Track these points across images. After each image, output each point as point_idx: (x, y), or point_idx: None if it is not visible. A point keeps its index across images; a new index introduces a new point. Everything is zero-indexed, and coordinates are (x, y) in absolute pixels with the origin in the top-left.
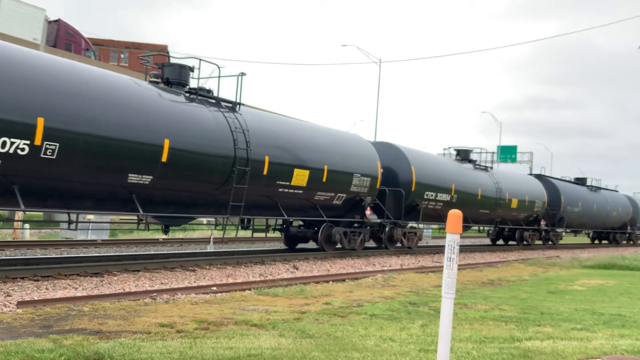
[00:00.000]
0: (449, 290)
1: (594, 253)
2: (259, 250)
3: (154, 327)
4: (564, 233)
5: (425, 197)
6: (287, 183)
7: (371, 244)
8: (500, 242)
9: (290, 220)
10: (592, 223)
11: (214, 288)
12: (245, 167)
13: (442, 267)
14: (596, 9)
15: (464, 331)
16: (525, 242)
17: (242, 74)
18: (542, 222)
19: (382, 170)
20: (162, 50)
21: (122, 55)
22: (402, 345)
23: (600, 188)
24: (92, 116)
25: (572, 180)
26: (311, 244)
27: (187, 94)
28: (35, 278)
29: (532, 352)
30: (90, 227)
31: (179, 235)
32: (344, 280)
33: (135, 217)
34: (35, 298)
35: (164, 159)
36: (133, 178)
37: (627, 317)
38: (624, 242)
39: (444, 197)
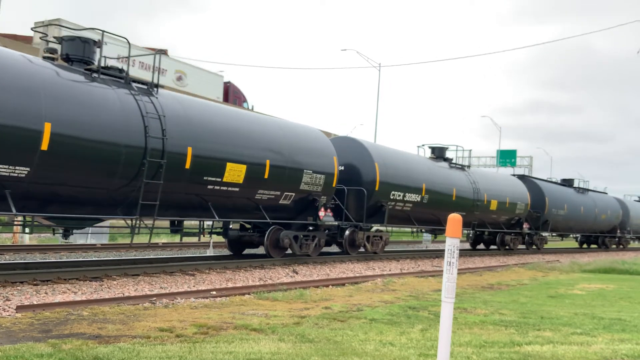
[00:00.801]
0: (449, 295)
1: (593, 257)
2: (258, 255)
3: (153, 332)
4: (549, 237)
5: (392, 197)
6: (219, 179)
7: (335, 249)
8: (482, 246)
9: (228, 222)
10: (579, 226)
11: (214, 292)
12: (160, 160)
13: (441, 271)
14: (596, 12)
15: (463, 335)
16: (507, 247)
17: (161, 52)
18: (525, 226)
19: (342, 167)
20: (163, 54)
21: None
22: (401, 350)
23: (588, 190)
24: None
25: (558, 182)
26: (262, 250)
27: (88, 72)
28: (35, 282)
29: (532, 357)
30: (89, 231)
31: (178, 239)
32: (343, 284)
33: (21, 219)
34: (35, 302)
35: (44, 146)
36: (2, 170)
37: (627, 321)
38: (614, 246)
39: (413, 197)
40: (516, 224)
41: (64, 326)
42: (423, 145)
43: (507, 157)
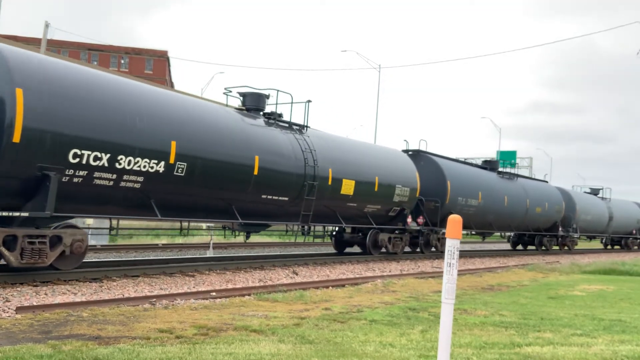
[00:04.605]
0: (449, 296)
1: (593, 258)
2: (258, 256)
3: (153, 333)
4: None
5: (74, 160)
6: None
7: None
8: (367, 250)
9: None
10: (503, 222)
11: (213, 293)
12: None
13: (441, 272)
14: (600, 12)
15: (464, 337)
16: (384, 250)
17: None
18: (418, 221)
19: None
20: (162, 55)
21: (123, 61)
22: (401, 351)
23: (517, 175)
24: None
25: (478, 164)
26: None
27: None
28: (34, 283)
29: (532, 358)
30: (89, 233)
31: (179, 240)
32: (343, 285)
33: None
34: (34, 303)
35: None
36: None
37: (627, 322)
38: (556, 247)
39: (148, 164)
40: (398, 217)
41: (63, 327)
42: (229, 90)
43: (507, 158)
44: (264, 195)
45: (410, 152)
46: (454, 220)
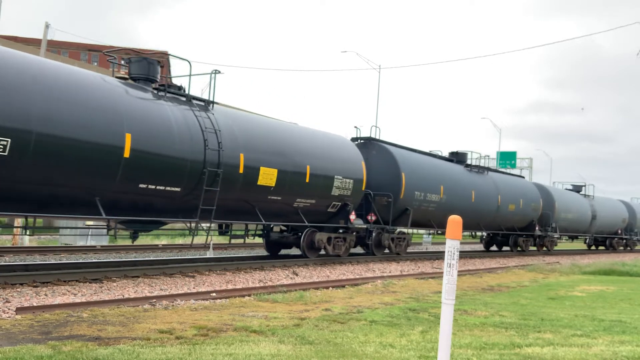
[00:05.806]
0: (449, 297)
1: (593, 259)
2: (258, 257)
3: (153, 334)
4: (430, 235)
5: None
6: None
7: None
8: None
9: None
10: (470, 220)
11: (214, 294)
12: None
13: (441, 273)
14: (601, 11)
15: (464, 337)
16: (323, 252)
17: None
18: (367, 217)
19: None
20: (162, 55)
21: (123, 62)
22: (402, 352)
23: (488, 169)
24: None
25: (442, 156)
26: None
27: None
28: (35, 284)
29: (533, 359)
30: (89, 233)
31: (179, 241)
32: (343, 286)
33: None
34: (34, 304)
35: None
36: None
37: (627, 323)
38: (533, 248)
39: None
40: (340, 213)
41: (63, 328)
42: (112, 55)
43: (507, 158)
44: (143, 184)
45: (360, 140)
46: (454, 221)
